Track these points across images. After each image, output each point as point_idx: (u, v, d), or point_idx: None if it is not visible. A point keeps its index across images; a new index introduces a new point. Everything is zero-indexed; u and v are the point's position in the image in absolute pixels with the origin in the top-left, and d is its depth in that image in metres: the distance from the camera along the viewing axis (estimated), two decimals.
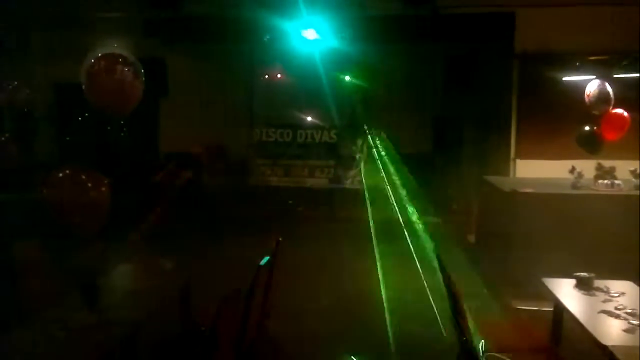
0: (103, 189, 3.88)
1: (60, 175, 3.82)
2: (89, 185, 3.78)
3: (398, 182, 9.90)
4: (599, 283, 3.68)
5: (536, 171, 7.26)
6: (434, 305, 4.96)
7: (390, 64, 9.24)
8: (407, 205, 9.19)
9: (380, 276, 6.41)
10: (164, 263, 4.30)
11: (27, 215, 5.09)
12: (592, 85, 6.46)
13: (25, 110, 7.12)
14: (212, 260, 6.61)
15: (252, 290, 3.37)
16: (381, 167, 9.80)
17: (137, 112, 4.31)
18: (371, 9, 7.53)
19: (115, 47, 4.23)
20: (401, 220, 8.53)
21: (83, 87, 3.88)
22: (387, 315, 5.24)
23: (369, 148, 9.66)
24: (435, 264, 3.62)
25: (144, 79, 4.03)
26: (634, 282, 3.79)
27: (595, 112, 6.51)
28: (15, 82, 6.65)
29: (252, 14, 7.37)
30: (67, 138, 9.14)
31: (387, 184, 10.00)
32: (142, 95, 4.01)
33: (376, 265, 6.78)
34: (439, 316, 4.69)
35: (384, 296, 5.76)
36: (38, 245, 4.79)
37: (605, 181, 6.01)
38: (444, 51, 9.49)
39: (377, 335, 4.92)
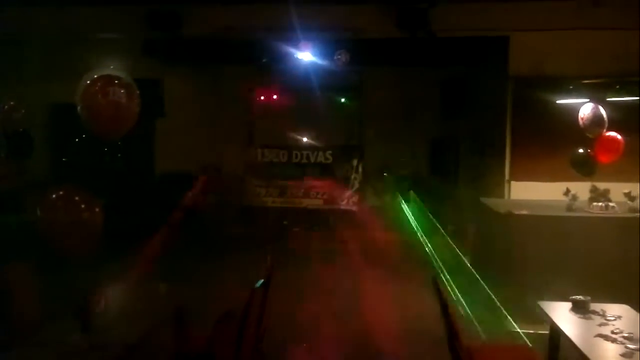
0: (97, 210, 3.86)
1: (54, 196, 3.80)
2: (83, 206, 3.76)
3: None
4: (595, 306, 3.67)
5: (531, 193, 7.27)
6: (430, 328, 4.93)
7: (386, 87, 9.33)
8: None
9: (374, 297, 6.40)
10: (158, 285, 4.27)
11: (20, 236, 5.05)
12: (586, 109, 6.51)
13: (21, 130, 7.11)
14: (207, 281, 6.57)
15: (247, 313, 3.34)
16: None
17: (134, 132, 4.31)
18: (367, 32, 7.59)
19: (112, 68, 4.25)
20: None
21: (78, 108, 3.88)
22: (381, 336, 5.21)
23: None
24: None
25: (139, 100, 4.03)
26: (630, 305, 3.77)
27: (589, 135, 6.55)
28: (11, 102, 6.66)
29: (250, 37, 7.43)
30: (64, 159, 9.12)
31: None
32: (137, 117, 4.00)
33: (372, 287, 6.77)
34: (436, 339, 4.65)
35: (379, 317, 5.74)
36: (31, 267, 4.75)
37: (600, 203, 6.01)
38: (439, 74, 9.57)
39: (373, 356, 4.89)
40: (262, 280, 3.72)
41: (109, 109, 3.80)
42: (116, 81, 3.93)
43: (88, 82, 3.90)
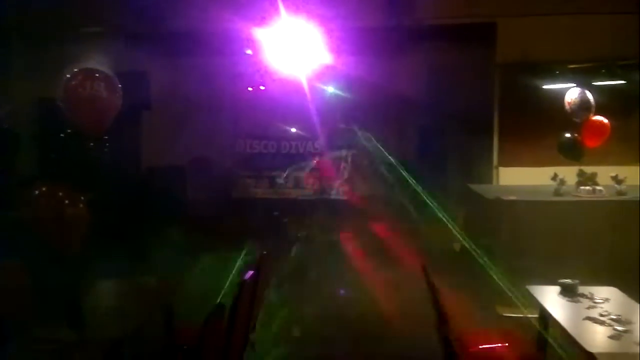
0: (82, 205, 3.83)
1: (38, 192, 3.76)
2: (66, 202, 3.72)
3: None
4: (583, 289, 3.69)
5: (519, 178, 7.30)
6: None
7: (373, 75, 9.28)
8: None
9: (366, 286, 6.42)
10: (147, 279, 4.25)
11: (7, 233, 5.00)
12: (573, 93, 6.53)
13: (6, 126, 7.03)
14: (197, 274, 6.54)
15: (237, 305, 3.33)
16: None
17: (119, 126, 4.26)
18: (354, 21, 7.55)
19: (96, 61, 4.19)
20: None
21: (59, 102, 3.83)
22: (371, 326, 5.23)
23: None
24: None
25: (121, 93, 3.98)
26: (618, 287, 3.80)
27: (576, 120, 6.58)
28: None
29: (235, 27, 7.37)
30: (52, 155, 9.00)
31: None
32: (118, 110, 3.96)
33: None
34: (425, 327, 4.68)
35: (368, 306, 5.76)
36: (18, 264, 4.70)
37: (587, 187, 6.05)
38: (426, 61, 9.54)
39: (364, 345, 4.91)
40: (252, 272, 3.71)
41: (89, 102, 3.75)
42: (96, 74, 3.88)
43: (68, 75, 3.85)
